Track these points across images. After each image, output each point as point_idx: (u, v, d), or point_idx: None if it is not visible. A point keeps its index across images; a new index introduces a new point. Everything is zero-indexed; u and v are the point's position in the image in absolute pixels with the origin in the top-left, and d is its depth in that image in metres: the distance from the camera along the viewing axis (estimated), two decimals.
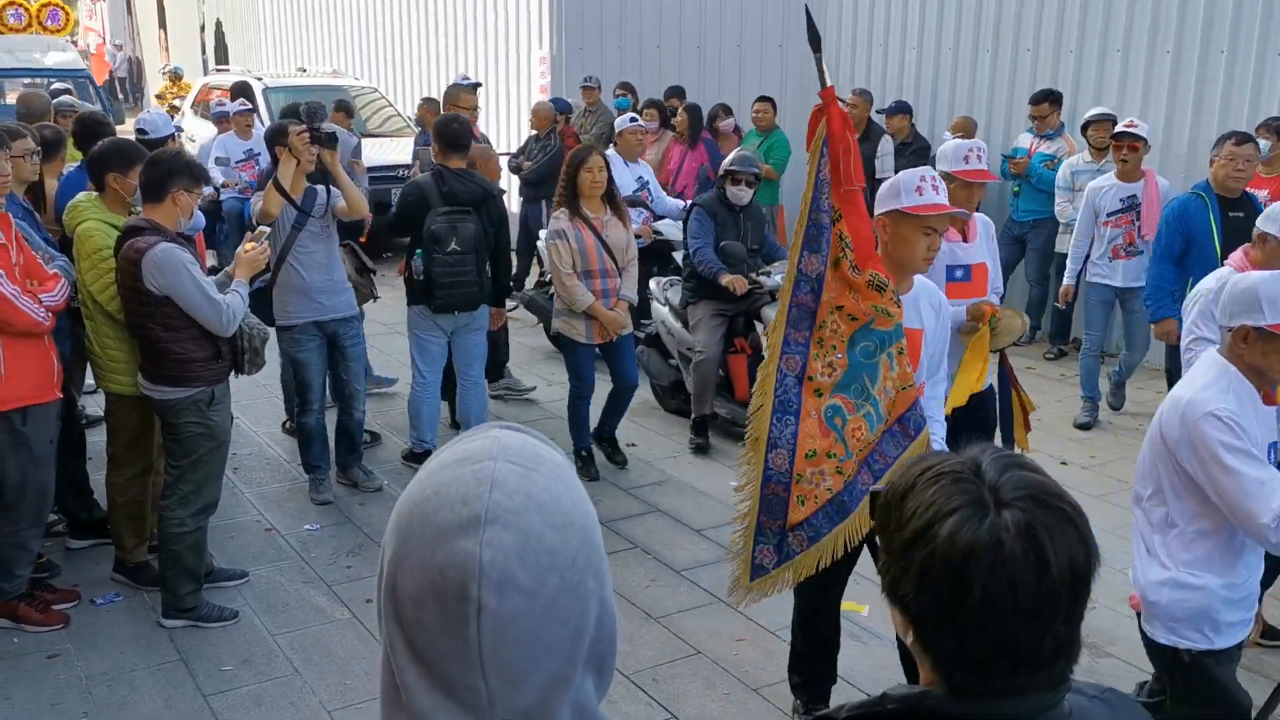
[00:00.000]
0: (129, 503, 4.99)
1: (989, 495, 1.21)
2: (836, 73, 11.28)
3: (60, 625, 4.65)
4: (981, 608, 1.18)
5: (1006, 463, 1.25)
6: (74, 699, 4.20)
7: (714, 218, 6.79)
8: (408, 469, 6.47)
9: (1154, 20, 8.56)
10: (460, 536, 1.00)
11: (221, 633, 4.68)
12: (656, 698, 4.28)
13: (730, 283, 6.56)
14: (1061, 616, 1.20)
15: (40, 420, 4.45)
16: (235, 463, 6.20)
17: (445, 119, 6.30)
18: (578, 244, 5.99)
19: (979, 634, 1.20)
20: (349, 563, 5.35)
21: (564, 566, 1.02)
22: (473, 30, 13.60)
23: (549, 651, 1.01)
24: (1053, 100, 8.90)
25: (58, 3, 16.82)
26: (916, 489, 1.26)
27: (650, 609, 4.95)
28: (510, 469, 1.04)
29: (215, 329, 4.49)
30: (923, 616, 1.24)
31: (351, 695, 4.25)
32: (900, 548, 1.25)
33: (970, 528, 1.19)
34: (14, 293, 4.24)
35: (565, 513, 1.04)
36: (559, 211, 6.07)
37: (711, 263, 6.64)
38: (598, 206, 6.09)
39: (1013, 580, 1.17)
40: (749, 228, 6.93)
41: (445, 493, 1.03)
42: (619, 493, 6.22)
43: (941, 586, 1.20)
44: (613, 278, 6.13)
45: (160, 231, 4.39)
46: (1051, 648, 1.21)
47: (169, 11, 28.00)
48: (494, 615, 0.98)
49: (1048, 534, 1.18)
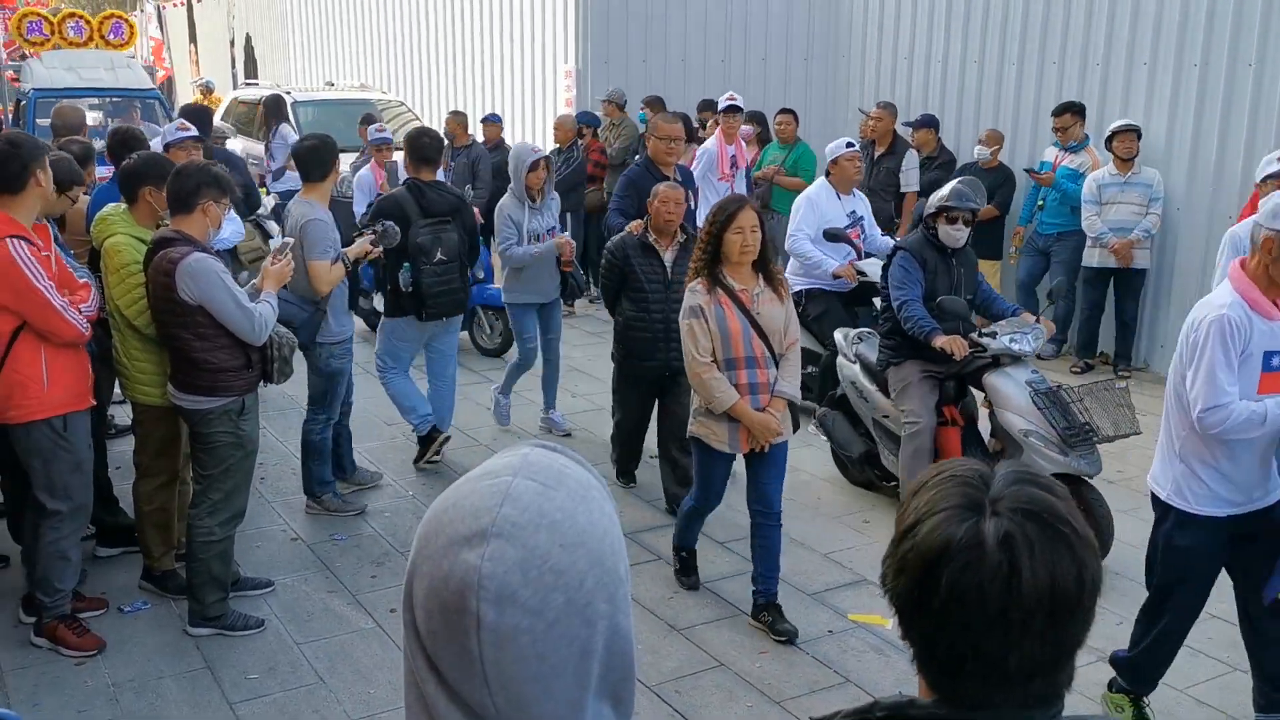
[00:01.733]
0: (156, 511, 5.04)
1: (986, 503, 1.21)
2: (862, 86, 11.30)
3: (95, 651, 4.60)
4: (946, 607, 1.18)
5: (1021, 478, 1.24)
6: (101, 706, 4.24)
7: (923, 264, 5.73)
8: (431, 470, 6.51)
9: (1181, 33, 8.52)
10: (465, 548, 1.00)
11: (247, 641, 4.71)
12: (679, 709, 4.27)
13: (948, 346, 5.47)
14: (1034, 635, 1.18)
15: (79, 427, 4.52)
16: (262, 472, 6.24)
17: (417, 133, 6.45)
18: (720, 325, 4.65)
19: (943, 633, 1.20)
20: (374, 572, 5.38)
21: (571, 587, 1.01)
22: (499, 44, 13.69)
23: (555, 674, 1.01)
24: (1075, 111, 8.87)
25: (121, 15, 15.59)
26: (926, 487, 1.27)
27: (673, 621, 4.95)
28: (528, 485, 1.04)
29: (247, 337, 4.54)
30: (901, 611, 1.25)
31: (375, 705, 4.27)
32: (894, 540, 1.27)
33: (951, 527, 1.19)
34: (63, 304, 4.33)
35: (578, 532, 1.03)
36: (696, 283, 4.73)
37: (922, 320, 5.58)
38: (748, 276, 4.72)
39: (980, 584, 1.17)
40: (962, 275, 5.85)
41: (461, 505, 1.04)
42: (642, 504, 6.22)
43: (914, 580, 1.21)
44: (765, 368, 4.71)
45: (191, 242, 4.44)
46: (1020, 664, 1.19)
47: (199, 26, 28.31)
48: (492, 630, 0.98)
49: (1028, 547, 1.17)
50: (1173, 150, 8.64)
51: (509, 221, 6.77)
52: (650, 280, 5.88)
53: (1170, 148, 8.65)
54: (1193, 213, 8.55)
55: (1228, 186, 8.29)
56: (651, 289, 5.88)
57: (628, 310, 5.97)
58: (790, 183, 10.06)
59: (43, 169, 4.33)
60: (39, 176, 4.31)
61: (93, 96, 13.30)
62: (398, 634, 4.68)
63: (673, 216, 5.81)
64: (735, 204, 4.72)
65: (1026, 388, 5.50)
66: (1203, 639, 4.74)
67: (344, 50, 18.20)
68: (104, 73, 12.96)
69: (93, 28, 14.38)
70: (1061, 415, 5.38)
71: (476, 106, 13.57)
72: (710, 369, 4.66)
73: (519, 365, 7.23)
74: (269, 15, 21.72)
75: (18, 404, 4.34)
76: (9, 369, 4.31)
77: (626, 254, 5.92)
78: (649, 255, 5.90)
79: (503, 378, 7.45)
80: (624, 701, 1.10)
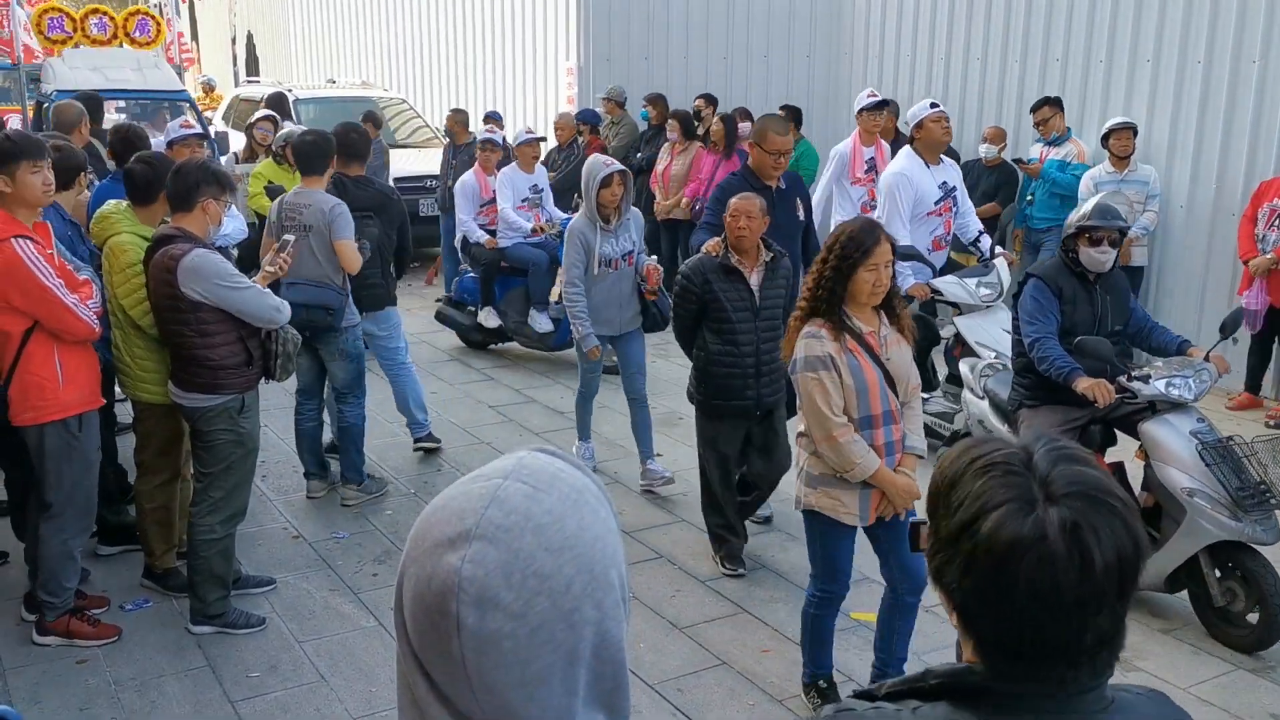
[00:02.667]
0: (158, 509, 5.04)
1: (1039, 490, 1.22)
2: (864, 82, 11.28)
3: (115, 638, 4.65)
4: (1023, 603, 1.20)
5: (1059, 455, 1.25)
6: (103, 704, 4.23)
7: (1058, 293, 5.04)
8: (433, 470, 6.51)
9: (1185, 30, 8.50)
10: (448, 550, 0.99)
11: (249, 639, 4.71)
12: (681, 708, 4.27)
13: (1090, 391, 4.78)
14: (1106, 610, 1.21)
15: (91, 427, 4.53)
16: (263, 470, 6.23)
17: (345, 128, 6.40)
18: (856, 378, 3.91)
19: (1018, 626, 1.22)
20: (375, 570, 5.38)
21: (556, 591, 0.99)
22: (500, 41, 13.68)
23: (539, 680, 0.99)
24: (1052, 104, 8.94)
25: (147, 10, 14.60)
26: (966, 478, 1.26)
27: (675, 619, 4.95)
28: (518, 488, 1.02)
29: (266, 319, 4.55)
30: (965, 606, 1.26)
31: (377, 702, 4.27)
32: (947, 537, 1.26)
33: (1015, 523, 1.20)
34: (74, 301, 4.32)
35: (566, 536, 1.01)
36: (815, 326, 3.95)
37: (1060, 360, 4.89)
38: (870, 315, 4.01)
39: (1055, 578, 1.18)
40: (1108, 304, 5.13)
41: (450, 506, 1.03)
42: (643, 503, 6.21)
43: (985, 580, 1.22)
44: (898, 423, 4.04)
45: (193, 240, 4.44)
46: (1093, 640, 1.22)
47: (200, 23, 28.32)
48: (473, 634, 0.97)
49: (1094, 532, 1.19)
50: (1176, 147, 8.62)
51: (578, 245, 6.11)
52: (736, 308, 5.09)
53: (1173, 145, 8.63)
54: (1196, 210, 8.54)
55: (1230, 184, 8.27)
56: (739, 318, 5.09)
57: (710, 343, 5.17)
58: None
59: (41, 167, 4.31)
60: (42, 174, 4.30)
61: (120, 99, 12.52)
62: None
63: (744, 231, 5.01)
64: (870, 235, 3.87)
65: (1191, 439, 4.77)
66: (1206, 639, 4.74)
67: (345, 48, 18.20)
68: (131, 73, 12.06)
69: (117, 25, 13.45)
70: (1233, 473, 4.65)
71: (478, 104, 13.57)
72: (847, 431, 3.88)
73: (582, 396, 6.62)
74: (270, 13, 21.72)
75: (33, 405, 4.34)
76: (22, 370, 4.31)
77: (706, 278, 5.10)
78: (732, 279, 5.10)
79: (644, 476, 6.45)
80: (618, 711, 1.08)
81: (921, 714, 1.29)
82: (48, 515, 4.49)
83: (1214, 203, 8.41)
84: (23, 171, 4.21)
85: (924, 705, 1.31)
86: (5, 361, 4.32)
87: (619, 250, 6.16)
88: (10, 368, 4.31)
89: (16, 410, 4.36)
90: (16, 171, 4.20)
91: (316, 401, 6.16)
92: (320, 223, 5.69)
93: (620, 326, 6.30)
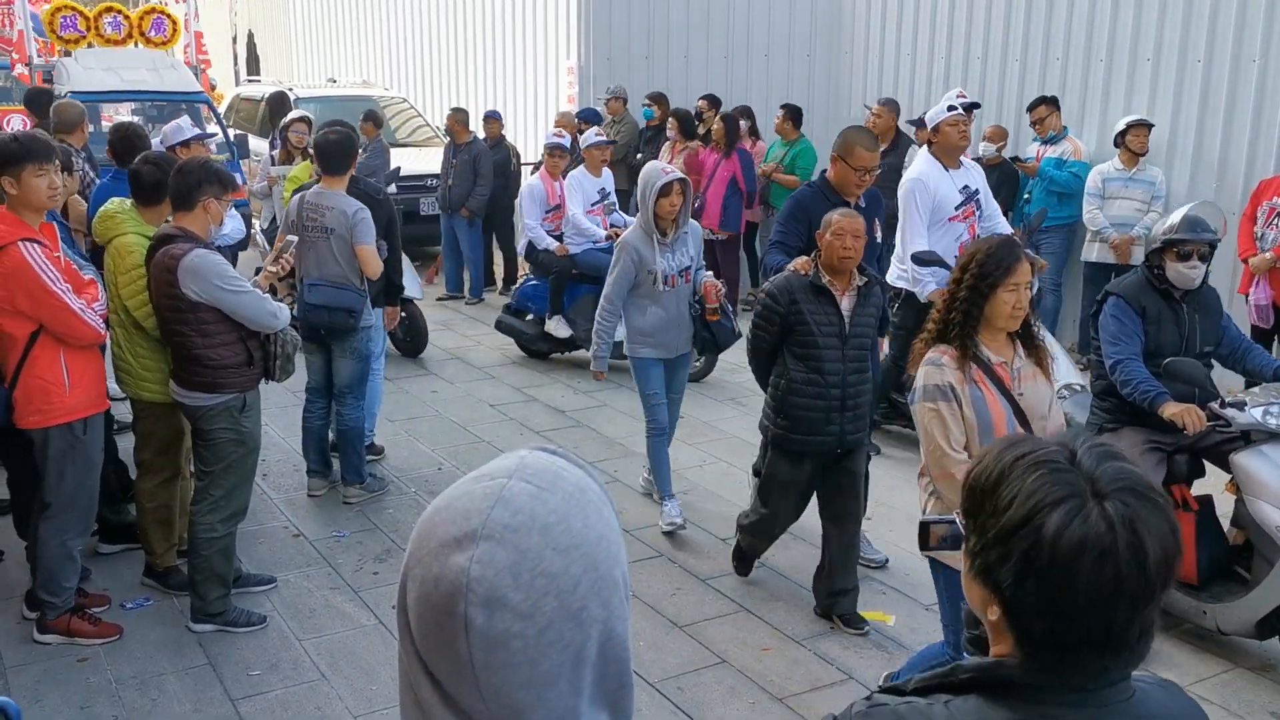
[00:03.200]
0: (158, 508, 5.04)
1: (1087, 486, 1.24)
2: (864, 83, 11.29)
3: (115, 637, 4.66)
4: (1085, 599, 1.22)
5: (1101, 452, 1.27)
6: (104, 702, 4.24)
7: (1142, 312, 4.71)
8: (434, 469, 6.52)
9: (1185, 29, 8.50)
10: (455, 551, 0.98)
11: (249, 638, 4.72)
12: (681, 706, 4.27)
13: (1179, 418, 4.42)
14: (1153, 604, 1.25)
15: (96, 430, 4.54)
16: (264, 469, 6.24)
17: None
18: (978, 411, 3.62)
19: (1076, 622, 1.24)
20: (376, 569, 5.38)
21: (564, 591, 0.99)
22: (501, 41, 13.67)
23: (547, 680, 0.99)
24: (1048, 103, 8.96)
25: (163, 9, 14.02)
26: (1013, 476, 1.28)
27: (675, 617, 4.95)
28: (522, 487, 1.02)
29: (264, 324, 4.56)
30: (1018, 603, 1.27)
31: (377, 701, 4.27)
32: (998, 534, 1.27)
33: (1077, 523, 1.22)
34: (81, 306, 4.32)
35: (572, 535, 1.01)
36: (938, 353, 3.68)
37: (1144, 384, 4.55)
38: (1004, 345, 3.71)
39: (1118, 573, 1.21)
40: (1197, 323, 4.77)
41: (454, 506, 1.02)
42: (644, 501, 6.21)
43: (1046, 579, 1.23)
44: None
45: (193, 239, 4.45)
46: (1138, 633, 1.26)
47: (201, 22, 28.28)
48: (482, 634, 0.96)
49: (1146, 526, 1.22)
50: (1176, 147, 8.63)
51: (630, 260, 5.59)
52: (824, 332, 4.64)
53: (1174, 144, 8.63)
54: None
55: (1231, 183, 8.27)
56: (825, 343, 4.64)
57: (793, 370, 4.70)
58: (788, 180, 10.04)
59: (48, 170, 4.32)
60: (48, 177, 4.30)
61: (136, 101, 12.20)
62: None
63: (850, 253, 4.56)
64: (1010, 253, 3.58)
65: None
66: (1206, 638, 4.74)
67: (346, 47, 18.19)
68: (147, 74, 11.62)
69: (132, 24, 12.96)
70: None
71: (478, 103, 13.56)
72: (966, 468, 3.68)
73: (654, 436, 5.82)
74: (271, 12, 21.72)
75: (39, 408, 4.35)
76: (28, 373, 4.31)
77: (794, 298, 4.64)
78: (821, 300, 4.65)
79: (648, 472, 6.09)
80: (622, 710, 1.08)
81: (954, 708, 1.31)
82: (47, 516, 4.50)
83: (1214, 201, 8.40)
84: (28, 174, 4.22)
85: (955, 699, 1.32)
86: (10, 365, 4.32)
87: (676, 265, 5.62)
88: (15, 371, 4.32)
89: (22, 413, 4.36)
90: (22, 174, 4.21)
91: (326, 400, 6.13)
92: (343, 227, 5.70)
93: (677, 350, 5.77)
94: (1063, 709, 1.27)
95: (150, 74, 11.62)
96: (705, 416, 7.61)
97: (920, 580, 5.28)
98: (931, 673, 1.36)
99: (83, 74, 11.34)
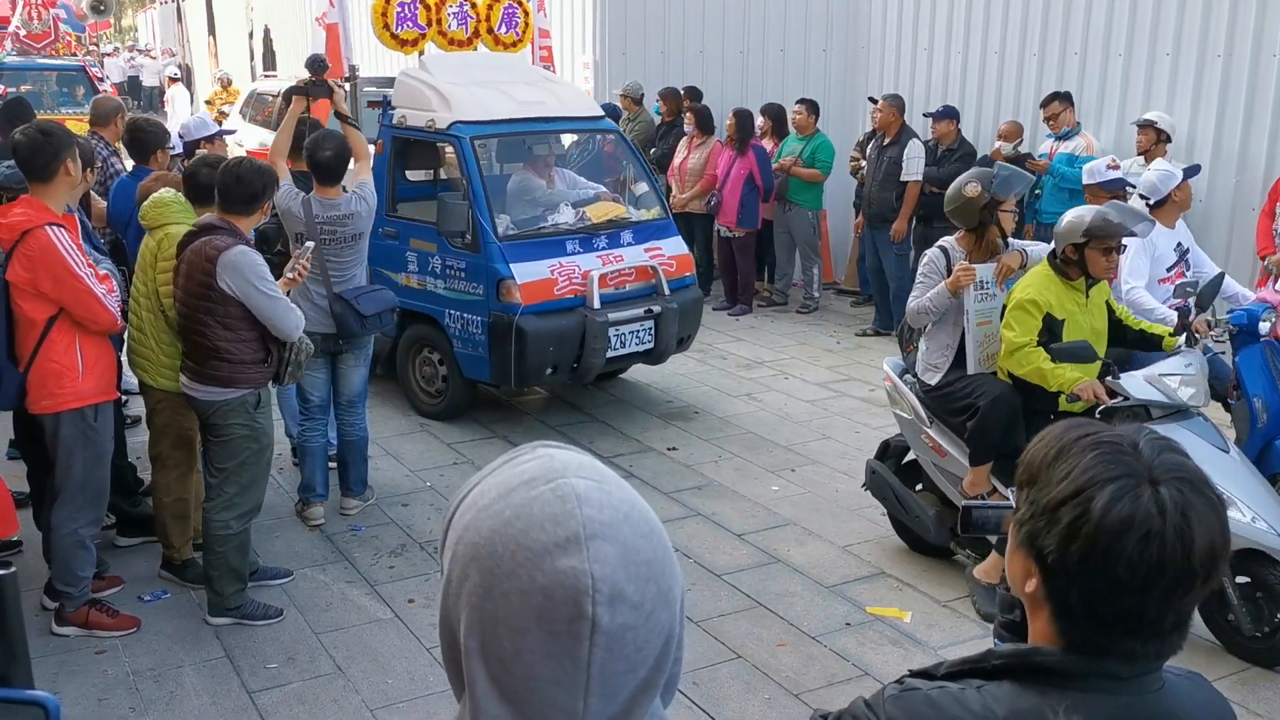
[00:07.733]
0: (175, 502, 5.06)
1: (1145, 471, 1.26)
2: (880, 77, 11.24)
3: (133, 629, 4.69)
4: (1125, 577, 1.24)
5: (1164, 445, 1.30)
6: (121, 694, 4.27)
7: None
8: (448, 463, 6.52)
9: (1204, 23, 8.44)
10: (561, 555, 0.95)
11: (266, 631, 4.73)
12: (697, 701, 4.27)
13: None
14: (1192, 595, 1.26)
15: (106, 418, 4.57)
16: (280, 463, 6.25)
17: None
18: None
19: (1112, 599, 1.25)
20: (391, 563, 5.39)
21: (659, 575, 1.00)
22: None
23: (644, 663, 0.99)
24: (1061, 99, 8.93)
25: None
26: (1072, 453, 1.30)
27: (691, 612, 4.95)
28: (587, 484, 1.00)
29: (284, 332, 4.60)
30: (1059, 572, 1.28)
31: (393, 694, 4.28)
32: (1048, 504, 1.29)
33: (1129, 500, 1.24)
34: (102, 292, 4.38)
35: (647, 521, 1.02)
36: None
37: None
38: None
39: (1161, 556, 1.22)
40: None
41: (529, 513, 0.98)
42: (660, 496, 6.21)
43: (1089, 550, 1.25)
44: None
45: (236, 235, 4.51)
46: (1172, 622, 1.27)
47: (218, 18, 28.40)
48: (605, 632, 0.95)
49: (1197, 515, 1.24)
50: (1195, 142, 8.57)
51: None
52: None
53: (1193, 139, 8.57)
54: (1215, 205, 8.48)
55: (1250, 178, 8.21)
56: None
57: None
58: (807, 174, 10.03)
59: (73, 159, 4.39)
60: (69, 166, 4.37)
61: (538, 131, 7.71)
62: (416, 624, 4.72)
63: None
64: None
65: None
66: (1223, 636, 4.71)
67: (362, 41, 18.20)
68: (541, 93, 7.78)
69: (479, 15, 8.83)
70: None
71: None
72: None
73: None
74: (287, 7, 21.76)
75: (52, 393, 4.39)
76: (43, 357, 4.36)
77: None
78: None
79: None
80: (670, 691, 1.08)
81: (987, 693, 1.32)
82: (59, 503, 4.53)
83: (1233, 198, 8.36)
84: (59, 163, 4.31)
85: (989, 684, 1.33)
86: (27, 348, 4.36)
87: None
88: (31, 354, 4.36)
89: (35, 397, 4.40)
90: None
91: (326, 418, 5.93)
92: (366, 217, 5.76)
93: None
94: (1095, 695, 1.28)
95: (544, 93, 7.79)
96: (720, 411, 7.61)
97: (936, 577, 5.27)
98: (962, 659, 1.37)
99: (466, 98, 7.29)
